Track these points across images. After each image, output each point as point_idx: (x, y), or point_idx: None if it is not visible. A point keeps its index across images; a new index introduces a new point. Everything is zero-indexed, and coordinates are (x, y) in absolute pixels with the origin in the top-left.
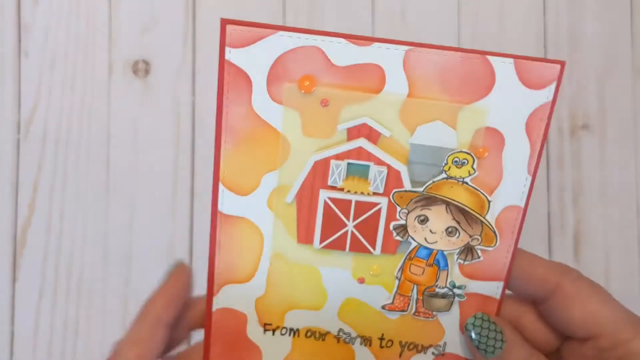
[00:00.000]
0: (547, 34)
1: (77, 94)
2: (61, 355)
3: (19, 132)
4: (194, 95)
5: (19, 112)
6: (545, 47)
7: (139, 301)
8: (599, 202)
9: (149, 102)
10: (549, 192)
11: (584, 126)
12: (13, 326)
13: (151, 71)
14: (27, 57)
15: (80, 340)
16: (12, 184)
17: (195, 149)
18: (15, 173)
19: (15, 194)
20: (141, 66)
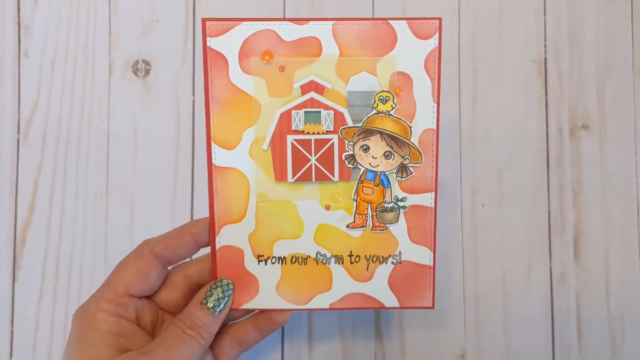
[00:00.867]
0: (547, 34)
1: (77, 94)
2: (61, 355)
3: (19, 132)
4: (194, 95)
5: (19, 112)
6: (546, 47)
7: None
8: (599, 202)
9: (149, 102)
10: (549, 192)
11: (584, 126)
12: (13, 326)
13: (151, 71)
14: (27, 57)
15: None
16: (12, 184)
17: (195, 148)
18: (15, 173)
19: (15, 194)
20: (141, 66)
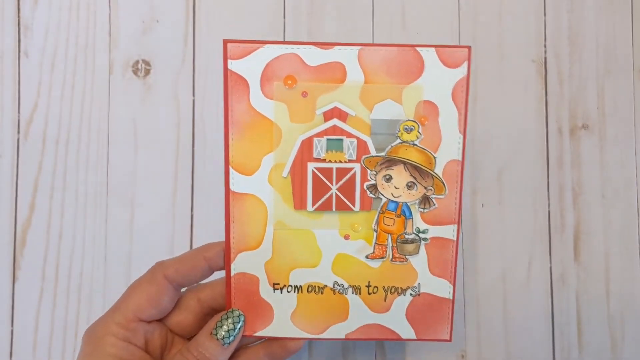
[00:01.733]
0: (547, 34)
1: (77, 94)
2: (61, 355)
3: (19, 132)
4: (194, 95)
5: (19, 112)
6: (546, 47)
7: None
8: (599, 202)
9: (149, 102)
10: (549, 192)
11: (584, 126)
12: (13, 326)
13: (151, 71)
14: (27, 57)
15: (80, 340)
16: (12, 184)
17: (195, 149)
18: (15, 173)
19: (15, 194)
20: (141, 66)
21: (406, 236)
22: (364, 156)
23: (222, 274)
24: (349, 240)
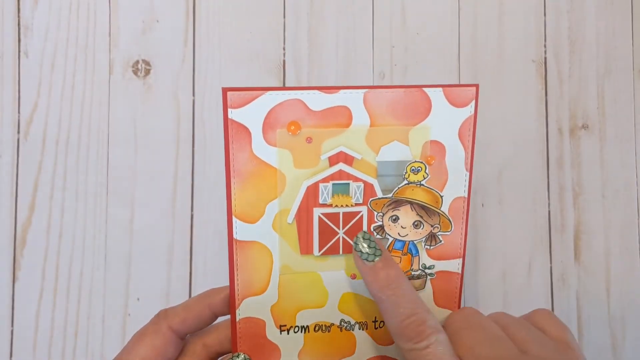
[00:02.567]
0: (547, 34)
1: (77, 93)
2: (61, 355)
3: (19, 132)
4: (194, 95)
5: (19, 112)
6: (546, 47)
7: (139, 301)
8: (599, 202)
9: (149, 102)
10: (549, 192)
11: (584, 126)
12: (13, 326)
13: (151, 71)
14: (27, 57)
15: (80, 340)
16: (12, 184)
17: (195, 149)
18: (15, 173)
19: (15, 194)
20: (141, 66)
21: (413, 273)
22: (370, 199)
23: (227, 316)
24: (355, 279)
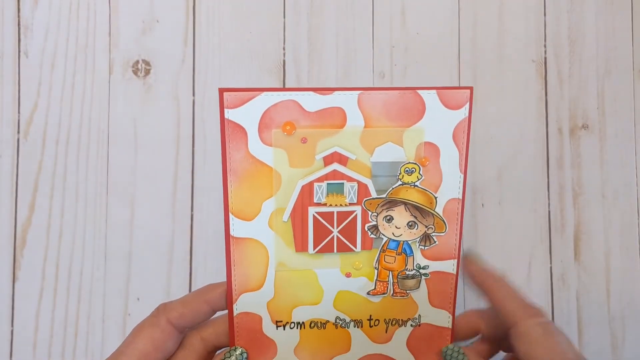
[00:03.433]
0: (547, 34)
1: (77, 93)
2: (61, 355)
3: (19, 132)
4: (194, 95)
5: (19, 112)
6: (545, 47)
7: (139, 301)
8: (599, 202)
9: (149, 102)
10: (549, 192)
11: (584, 126)
12: (13, 326)
13: (151, 71)
14: (27, 57)
15: (80, 340)
16: (12, 184)
17: (195, 148)
18: (15, 173)
19: (15, 194)
20: (141, 66)
21: (407, 272)
22: (364, 199)
23: (224, 311)
24: (350, 277)
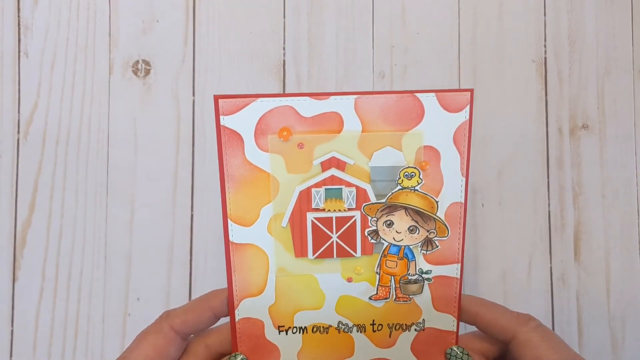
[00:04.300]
0: (547, 34)
1: (77, 93)
2: (61, 355)
3: (19, 132)
4: (194, 95)
5: (19, 112)
6: (545, 47)
7: (139, 301)
8: (599, 202)
9: (149, 102)
10: (549, 192)
11: (584, 126)
12: (13, 326)
13: (151, 71)
14: (27, 57)
15: (80, 340)
16: (12, 184)
17: (195, 148)
18: (15, 173)
19: (15, 194)
20: (141, 66)
21: (409, 277)
22: (364, 204)
23: (228, 318)
24: (351, 282)
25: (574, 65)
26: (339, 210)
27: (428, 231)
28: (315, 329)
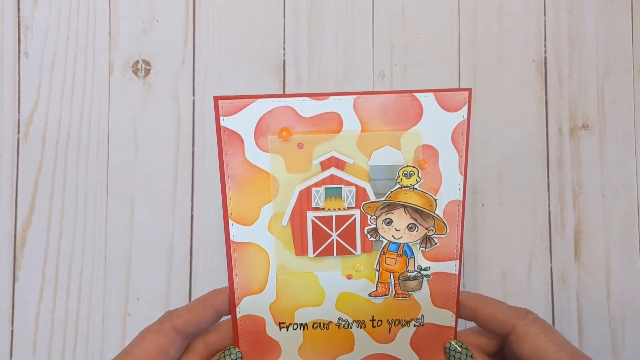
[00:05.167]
0: (547, 34)
1: (77, 93)
2: (61, 355)
3: (19, 132)
4: (194, 95)
5: (19, 112)
6: (546, 47)
7: (139, 301)
8: (599, 202)
9: (149, 102)
10: (549, 192)
11: (584, 126)
12: (13, 326)
13: (151, 71)
14: (27, 57)
15: (80, 340)
16: (12, 184)
17: (195, 148)
18: (15, 173)
19: (15, 194)
20: (141, 66)
21: (408, 274)
22: (363, 202)
23: (227, 317)
24: (351, 279)
25: (574, 65)
26: (339, 209)
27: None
28: (315, 325)
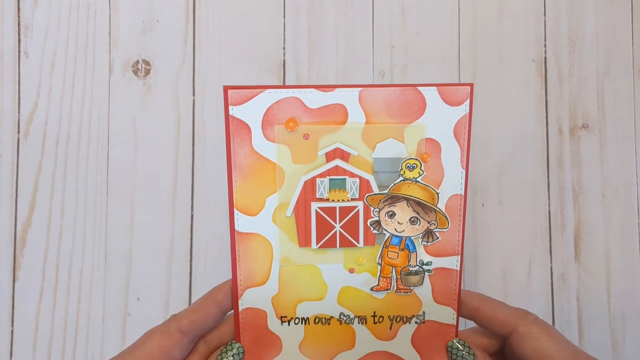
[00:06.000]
0: (547, 34)
1: (77, 93)
2: (61, 355)
3: (19, 132)
4: (194, 95)
5: (19, 112)
6: (546, 47)
7: (139, 301)
8: (599, 202)
9: (149, 102)
10: (549, 192)
11: (584, 126)
12: (13, 326)
13: (151, 71)
14: (27, 57)
15: (80, 340)
16: (12, 184)
17: (195, 148)
18: (15, 173)
19: (15, 194)
20: (141, 66)
21: (410, 268)
22: (366, 194)
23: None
24: (353, 273)
25: (574, 65)
26: (343, 200)
27: (429, 222)
28: (317, 320)
